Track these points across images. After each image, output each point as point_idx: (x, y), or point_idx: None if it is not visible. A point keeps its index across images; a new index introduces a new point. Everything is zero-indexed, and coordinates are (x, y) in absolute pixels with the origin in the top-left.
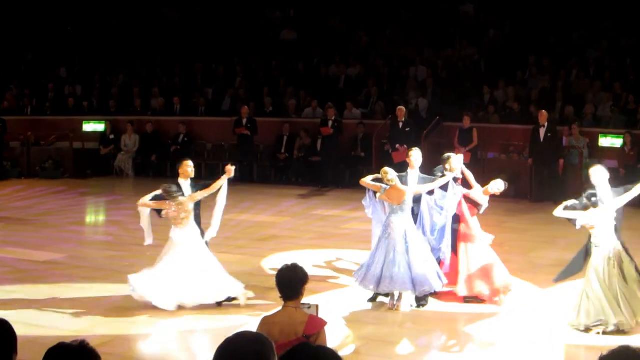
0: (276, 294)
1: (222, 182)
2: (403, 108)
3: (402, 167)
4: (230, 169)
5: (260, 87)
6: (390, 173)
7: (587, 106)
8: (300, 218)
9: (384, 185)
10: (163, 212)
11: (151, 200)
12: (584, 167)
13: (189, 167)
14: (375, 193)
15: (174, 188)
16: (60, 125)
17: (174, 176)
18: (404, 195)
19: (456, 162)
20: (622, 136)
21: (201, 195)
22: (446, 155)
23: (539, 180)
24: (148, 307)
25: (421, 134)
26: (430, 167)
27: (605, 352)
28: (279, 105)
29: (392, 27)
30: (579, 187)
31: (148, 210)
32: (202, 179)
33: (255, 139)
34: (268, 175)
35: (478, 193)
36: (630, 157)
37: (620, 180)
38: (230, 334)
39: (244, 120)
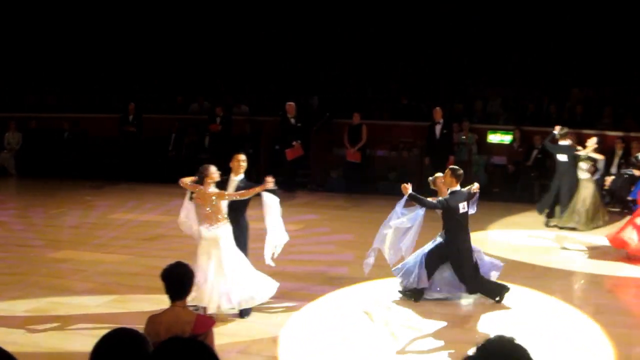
0: None
1: (258, 191)
2: (293, 104)
3: (294, 163)
4: (270, 181)
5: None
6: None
7: (477, 102)
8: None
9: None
10: (193, 196)
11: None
12: (473, 164)
13: (238, 161)
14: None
15: (204, 168)
16: None
17: (59, 173)
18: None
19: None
20: (511, 132)
21: (232, 196)
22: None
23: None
24: (33, 315)
25: (311, 130)
26: (322, 162)
27: (480, 342)
28: (170, 101)
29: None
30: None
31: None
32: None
33: (143, 135)
34: (157, 173)
35: None
36: (519, 153)
37: (508, 177)
38: None
39: (131, 117)
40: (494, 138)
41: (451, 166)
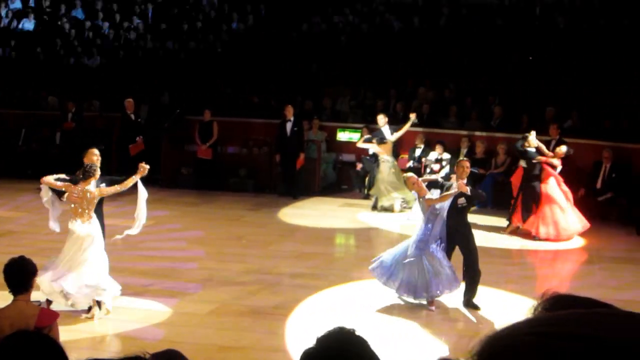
0: None
1: (135, 180)
2: (131, 100)
3: (139, 159)
4: (144, 167)
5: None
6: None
7: (326, 100)
8: (37, 213)
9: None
10: (65, 196)
11: (55, 180)
12: (322, 162)
13: (94, 156)
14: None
15: (94, 167)
16: None
17: None
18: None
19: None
20: (359, 131)
21: (112, 191)
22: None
23: (287, 175)
24: None
25: (161, 127)
26: (173, 158)
27: (320, 334)
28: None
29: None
30: (317, 181)
31: (49, 192)
32: None
33: None
34: (6, 168)
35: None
36: (365, 151)
37: (357, 174)
38: None
39: None
40: (343, 136)
41: (463, 159)
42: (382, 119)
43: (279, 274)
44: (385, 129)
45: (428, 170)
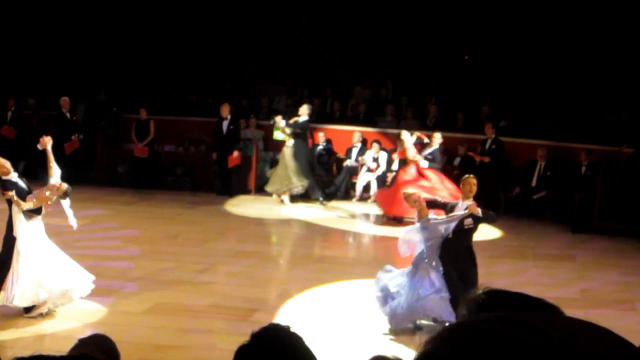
0: None
1: (51, 158)
2: (67, 98)
3: (75, 157)
4: (45, 140)
5: None
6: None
7: (262, 99)
8: None
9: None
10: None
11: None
12: (259, 160)
13: (3, 168)
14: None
15: (70, 190)
16: None
17: None
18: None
19: None
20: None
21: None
22: None
23: (223, 173)
24: None
25: (98, 125)
26: (109, 157)
27: (255, 330)
28: None
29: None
30: (254, 179)
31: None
32: None
33: None
34: None
35: None
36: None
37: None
38: None
39: None
40: (280, 135)
41: (470, 176)
42: (303, 109)
43: (215, 272)
44: (302, 119)
45: (365, 169)
